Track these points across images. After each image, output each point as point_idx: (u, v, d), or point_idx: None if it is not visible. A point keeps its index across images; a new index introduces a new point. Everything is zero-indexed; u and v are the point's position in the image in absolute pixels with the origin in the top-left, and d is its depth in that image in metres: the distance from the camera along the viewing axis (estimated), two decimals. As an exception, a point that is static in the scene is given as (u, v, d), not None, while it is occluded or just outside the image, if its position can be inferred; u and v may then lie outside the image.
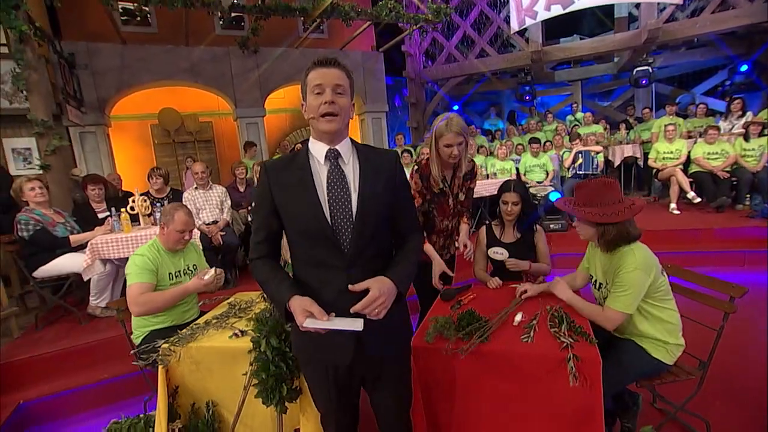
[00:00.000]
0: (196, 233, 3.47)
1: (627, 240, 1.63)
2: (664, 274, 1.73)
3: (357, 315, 1.09)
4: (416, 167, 2.12)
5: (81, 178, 4.36)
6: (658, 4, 6.75)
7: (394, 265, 1.23)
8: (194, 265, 2.47)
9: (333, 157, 1.17)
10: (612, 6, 7.89)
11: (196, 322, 2.05)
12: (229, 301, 2.36)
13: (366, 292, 1.11)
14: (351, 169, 1.19)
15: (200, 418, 1.84)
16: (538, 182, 5.68)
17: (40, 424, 2.55)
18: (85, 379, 2.75)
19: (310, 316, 1.08)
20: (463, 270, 2.42)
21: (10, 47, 3.96)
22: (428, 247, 2.12)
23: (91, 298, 3.34)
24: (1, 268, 3.36)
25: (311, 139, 1.22)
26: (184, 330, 1.94)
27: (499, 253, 2.35)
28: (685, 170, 5.40)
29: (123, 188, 4.93)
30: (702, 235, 4.50)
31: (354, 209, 1.16)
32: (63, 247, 3.23)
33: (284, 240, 1.31)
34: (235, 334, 1.86)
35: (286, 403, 1.66)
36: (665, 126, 5.70)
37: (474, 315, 1.71)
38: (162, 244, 2.29)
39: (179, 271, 2.35)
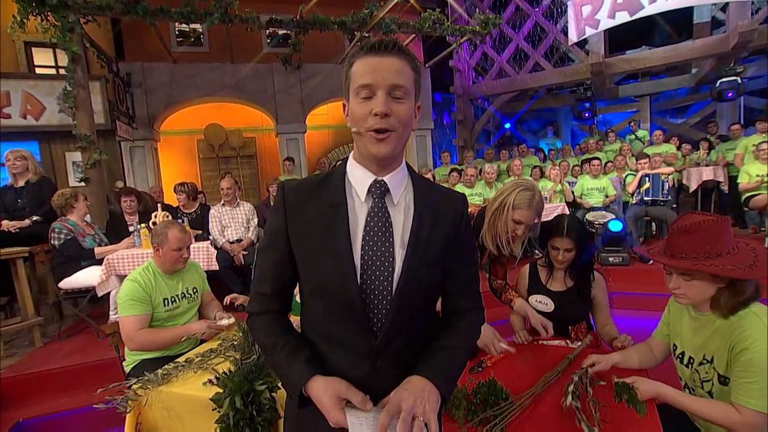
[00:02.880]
0: (213, 252, 3.34)
1: (750, 300, 1.19)
2: None
3: None
4: None
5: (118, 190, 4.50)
6: (753, 2, 5.69)
7: (438, 352, 0.87)
8: (194, 288, 2.30)
9: (378, 192, 0.82)
10: (690, 12, 6.97)
11: (176, 360, 1.83)
12: (222, 335, 2.12)
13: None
14: (402, 213, 0.84)
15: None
16: (595, 207, 5.01)
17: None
18: (87, 400, 2.63)
19: (349, 406, 0.75)
20: (494, 308, 1.97)
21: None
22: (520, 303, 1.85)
23: (110, 313, 3.31)
24: (30, 278, 3.43)
25: (351, 159, 0.86)
26: (160, 369, 1.72)
27: (542, 303, 1.90)
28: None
29: (165, 201, 5.06)
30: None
31: (397, 272, 0.81)
32: (88, 258, 3.25)
33: None
34: (210, 381, 1.61)
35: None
36: (756, 145, 4.81)
37: (495, 388, 1.31)
38: (158, 267, 2.14)
39: (176, 296, 2.17)
